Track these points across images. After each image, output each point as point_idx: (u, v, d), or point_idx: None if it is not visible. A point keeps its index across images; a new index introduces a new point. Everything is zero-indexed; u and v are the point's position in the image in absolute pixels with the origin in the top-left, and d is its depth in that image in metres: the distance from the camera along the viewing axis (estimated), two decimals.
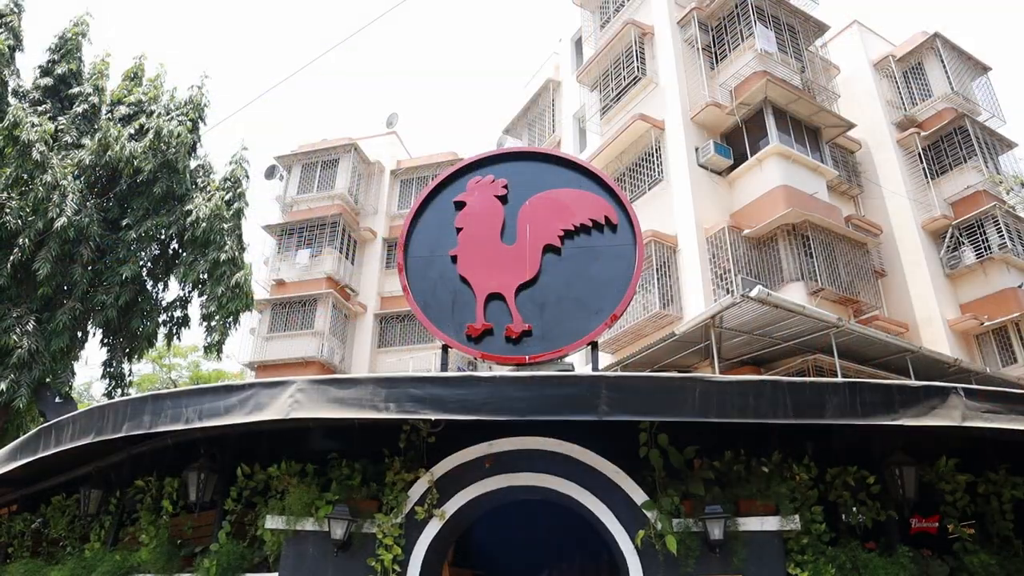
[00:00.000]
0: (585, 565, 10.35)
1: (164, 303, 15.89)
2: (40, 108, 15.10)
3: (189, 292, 15.78)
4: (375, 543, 5.44)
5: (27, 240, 13.52)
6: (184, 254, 15.08)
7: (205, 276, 14.78)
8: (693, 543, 5.26)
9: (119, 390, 15.39)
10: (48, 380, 13.92)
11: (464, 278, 6.58)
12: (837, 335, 11.22)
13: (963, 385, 5.24)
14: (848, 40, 19.15)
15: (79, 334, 14.88)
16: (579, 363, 12.74)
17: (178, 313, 15.89)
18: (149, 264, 15.80)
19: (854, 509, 5.86)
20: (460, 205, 6.87)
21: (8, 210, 13.73)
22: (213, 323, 14.90)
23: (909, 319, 15.62)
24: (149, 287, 15.72)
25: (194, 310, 15.63)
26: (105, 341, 15.62)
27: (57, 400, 14.77)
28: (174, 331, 15.84)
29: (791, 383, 5.14)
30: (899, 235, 16.54)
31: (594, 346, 6.39)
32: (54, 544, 9.07)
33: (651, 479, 5.55)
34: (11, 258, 13.58)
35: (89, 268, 14.49)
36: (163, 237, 15.52)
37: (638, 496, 5.45)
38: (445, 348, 6.61)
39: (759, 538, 5.32)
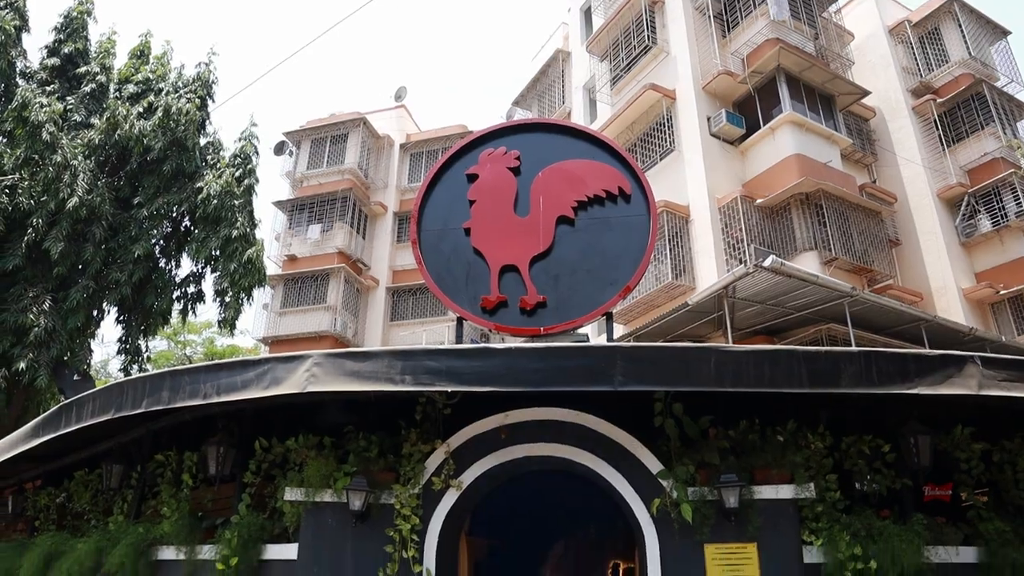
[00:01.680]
0: (600, 534, 10.46)
1: (177, 280, 16.00)
2: (48, 88, 15.11)
3: (202, 269, 15.87)
4: (393, 513, 5.50)
5: (40, 220, 13.60)
6: (196, 231, 15.14)
7: (217, 253, 14.86)
8: (708, 511, 5.29)
9: (136, 366, 15.56)
10: (66, 358, 14.09)
11: (478, 250, 6.58)
12: (851, 304, 11.17)
13: (980, 354, 5.21)
14: (863, 5, 18.81)
15: (94, 312, 15.03)
16: (593, 334, 12.76)
17: (192, 289, 16.01)
18: (161, 242, 15.88)
19: (868, 477, 5.87)
20: (472, 178, 6.85)
21: (20, 191, 13.79)
22: (226, 299, 15.00)
23: (923, 288, 15.51)
24: (162, 264, 15.81)
25: (207, 286, 15.78)
26: (120, 318, 15.77)
27: (75, 378, 14.96)
28: (188, 307, 15.97)
29: (806, 352, 5.13)
30: (914, 204, 16.38)
31: (608, 317, 6.39)
32: (78, 517, 9.25)
33: (666, 448, 5.58)
34: (25, 239, 13.66)
35: (102, 247, 14.57)
36: (174, 215, 15.58)
37: (653, 465, 5.48)
38: (460, 320, 6.63)
39: (774, 506, 5.34)
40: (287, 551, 5.79)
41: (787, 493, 5.36)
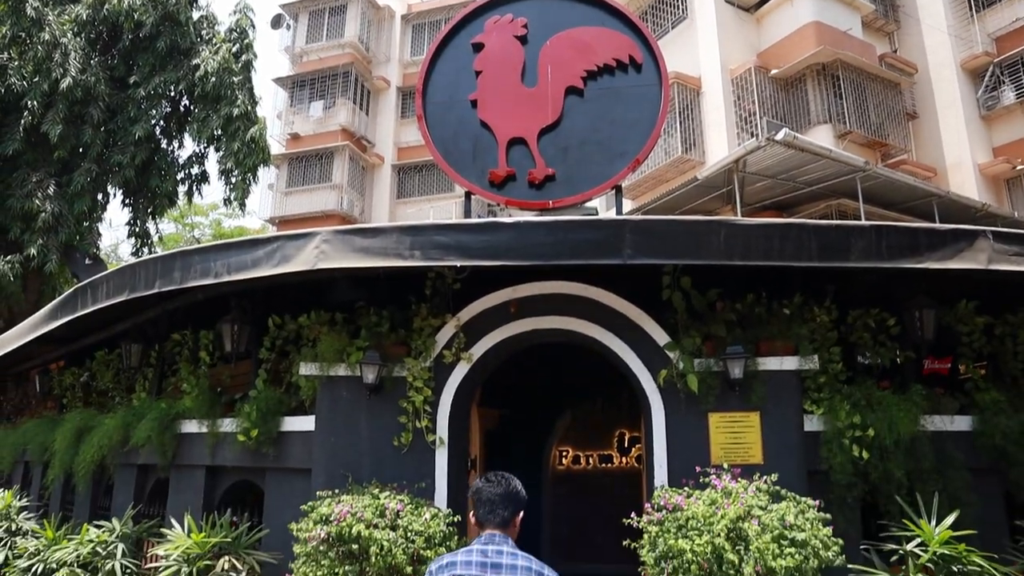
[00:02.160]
0: (607, 406, 10.81)
1: (180, 162, 15.84)
2: None
3: (205, 149, 15.69)
4: (406, 386, 5.66)
5: (34, 103, 13.31)
6: (196, 110, 14.85)
7: (219, 132, 14.62)
8: (713, 382, 5.42)
9: (146, 249, 15.67)
10: (75, 242, 14.16)
11: (485, 123, 6.41)
12: (863, 179, 11.00)
13: (991, 228, 5.16)
14: None
15: (99, 195, 14.97)
16: (602, 209, 12.69)
17: (196, 170, 15.89)
18: (161, 123, 15.60)
19: (872, 351, 5.97)
20: (478, 47, 6.58)
21: (10, 71, 13.42)
22: (232, 178, 14.91)
23: (938, 163, 15.23)
24: (164, 146, 15.61)
25: (211, 167, 15.71)
26: (126, 201, 15.75)
27: (87, 262, 15.12)
28: (194, 188, 15.90)
29: (816, 226, 5.09)
30: (935, 74, 15.79)
31: (618, 190, 6.31)
32: (103, 395, 9.60)
33: (673, 321, 5.65)
34: (22, 122, 13.43)
35: (101, 129, 14.34)
36: (172, 94, 15.22)
37: (660, 337, 5.57)
38: (468, 195, 6.57)
39: (778, 377, 5.46)
40: (305, 423, 6.01)
41: (791, 365, 5.47)
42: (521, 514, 2.88)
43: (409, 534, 4.60)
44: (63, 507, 9.46)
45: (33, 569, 6.69)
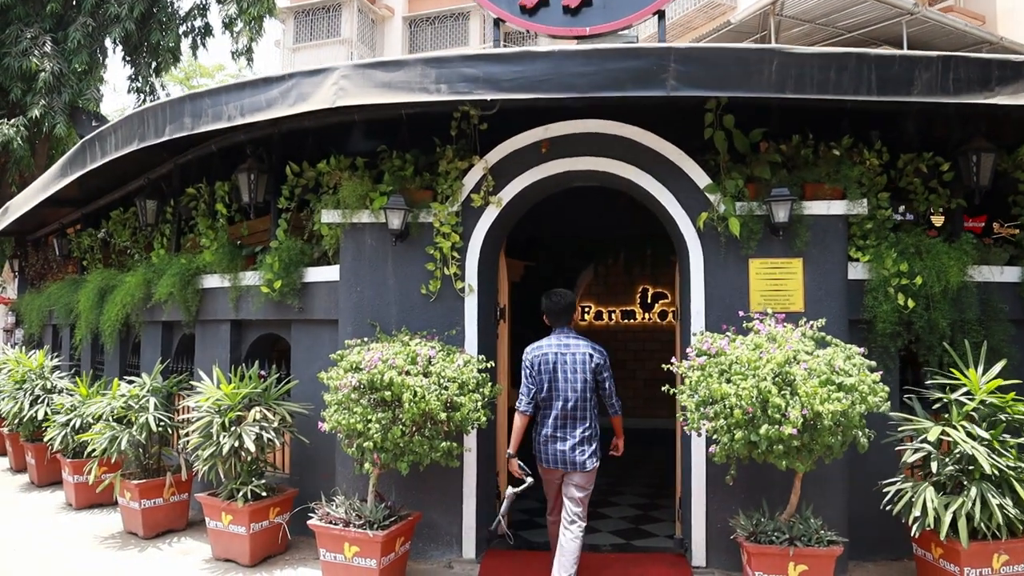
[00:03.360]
0: (629, 259, 10.64)
1: (182, 14, 15.05)
2: None
3: (206, 0, 14.86)
4: (433, 232, 5.43)
5: None
6: None
7: None
8: (756, 226, 5.15)
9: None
10: (78, 102, 13.70)
11: None
12: (909, 24, 10.26)
13: None
14: None
15: (98, 51, 14.33)
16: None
17: (198, 23, 15.13)
18: None
19: (919, 199, 5.66)
20: None
21: None
22: (236, 30, 14.22)
23: (987, 10, 14.22)
24: None
25: (214, 19, 15.08)
26: (128, 58, 15.10)
27: (93, 123, 14.68)
28: (197, 42, 15.21)
29: (879, 56, 4.64)
30: None
31: (660, 15, 5.79)
32: (122, 254, 9.49)
33: (714, 163, 5.31)
34: None
35: None
36: None
37: (701, 179, 5.25)
38: (496, 23, 6.06)
39: (823, 222, 5.18)
40: (329, 273, 5.84)
41: (838, 209, 5.17)
42: (575, 311, 4.86)
43: (442, 380, 4.49)
44: (93, 366, 9.60)
45: (71, 423, 6.79)
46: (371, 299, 5.55)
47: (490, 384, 4.83)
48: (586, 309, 12.03)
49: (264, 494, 5.38)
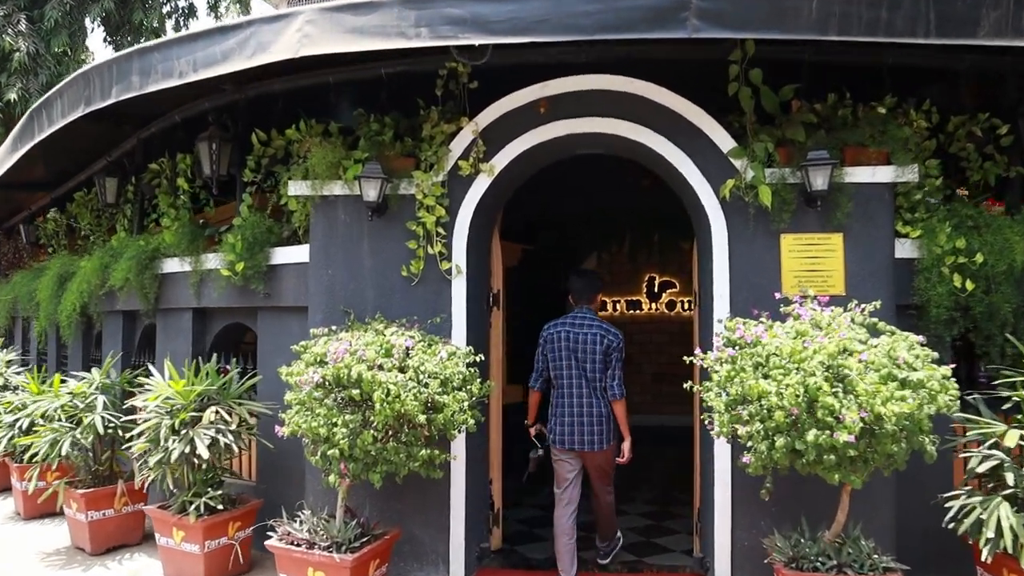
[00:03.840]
0: (635, 246, 9.89)
1: None
2: None
3: None
4: (415, 205, 4.71)
5: None
6: None
7: None
8: (789, 196, 4.42)
9: None
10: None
11: None
12: None
13: None
14: None
15: (77, 31, 13.64)
16: None
17: (182, 2, 14.47)
18: None
19: (968, 165, 4.95)
20: None
21: None
22: (222, 10, 13.55)
23: None
24: None
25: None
26: (108, 39, 14.41)
27: None
28: (181, 22, 14.55)
29: None
30: None
31: None
32: (87, 239, 8.80)
33: (739, 125, 4.59)
34: None
35: None
36: None
37: (724, 143, 4.52)
38: None
39: (866, 191, 4.46)
40: (298, 254, 5.14)
41: (884, 176, 4.45)
42: (600, 294, 4.90)
43: (421, 376, 3.77)
44: (59, 361, 8.91)
45: (19, 423, 6.09)
46: (344, 283, 4.84)
47: (479, 381, 4.10)
48: None
49: (222, 507, 4.68)
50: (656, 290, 11.11)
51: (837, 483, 3.26)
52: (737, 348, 3.61)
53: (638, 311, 11.08)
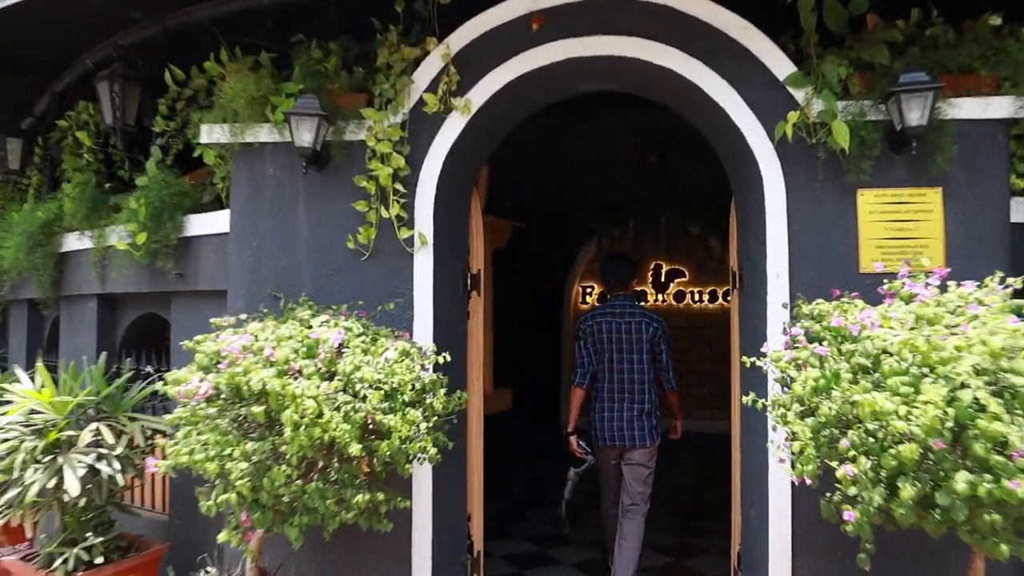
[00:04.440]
0: (639, 230, 8.65)
1: None
2: None
3: None
4: (365, 154, 3.51)
5: None
6: None
7: None
8: (871, 136, 3.25)
9: None
10: None
11: None
12: None
13: None
14: None
15: None
16: None
17: None
18: None
19: None
20: None
21: None
22: None
23: None
24: None
25: None
26: None
27: None
28: None
29: None
30: None
31: None
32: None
33: (795, 48, 3.43)
34: None
35: None
36: None
37: (780, 67, 3.34)
38: None
39: (974, 132, 3.29)
40: (218, 222, 3.94)
41: (1000, 110, 3.28)
42: (636, 279, 4.70)
43: (356, 385, 2.58)
44: None
45: None
46: (274, 258, 3.65)
47: (443, 391, 2.89)
48: (588, 290, 10.18)
49: (103, 559, 3.48)
50: (663, 279, 9.98)
51: (1005, 557, 2.07)
52: (826, 343, 2.43)
53: (643, 303, 9.92)
